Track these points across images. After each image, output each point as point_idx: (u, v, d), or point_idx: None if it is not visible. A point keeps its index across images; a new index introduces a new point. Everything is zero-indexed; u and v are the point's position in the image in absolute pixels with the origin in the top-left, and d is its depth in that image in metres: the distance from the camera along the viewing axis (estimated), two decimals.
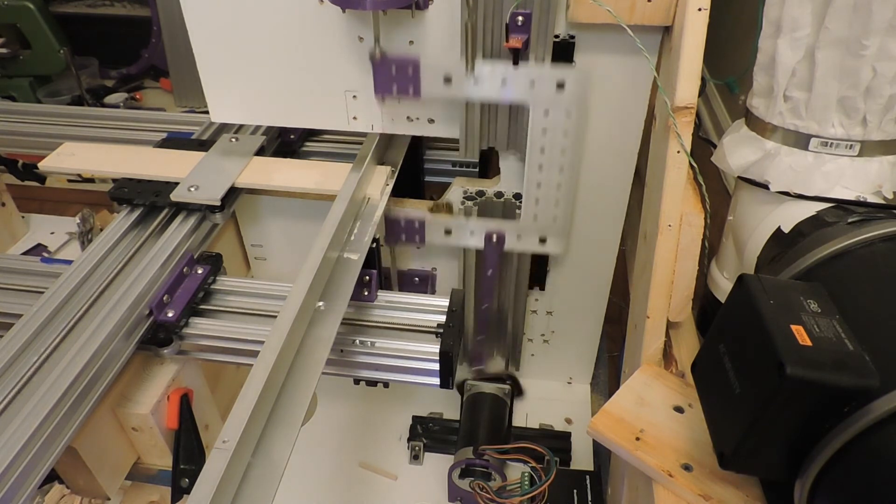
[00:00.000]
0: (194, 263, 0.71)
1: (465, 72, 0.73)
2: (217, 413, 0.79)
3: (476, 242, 0.88)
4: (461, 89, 0.75)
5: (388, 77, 0.75)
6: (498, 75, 0.73)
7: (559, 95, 0.73)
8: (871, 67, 0.56)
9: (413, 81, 0.75)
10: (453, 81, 0.74)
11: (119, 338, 0.60)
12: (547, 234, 0.86)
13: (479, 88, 0.74)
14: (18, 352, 0.58)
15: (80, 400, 0.55)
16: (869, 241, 0.54)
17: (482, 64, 0.73)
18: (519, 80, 0.73)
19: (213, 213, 0.77)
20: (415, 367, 0.67)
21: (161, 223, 0.76)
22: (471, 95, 0.75)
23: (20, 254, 1.41)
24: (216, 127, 0.94)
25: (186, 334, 0.66)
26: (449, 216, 0.88)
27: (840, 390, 0.42)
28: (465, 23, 0.70)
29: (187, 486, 0.69)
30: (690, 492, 0.54)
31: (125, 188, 0.79)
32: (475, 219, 0.87)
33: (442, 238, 0.88)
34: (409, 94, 0.76)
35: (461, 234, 0.88)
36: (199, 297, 0.70)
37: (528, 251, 0.90)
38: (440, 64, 0.74)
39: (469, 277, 0.95)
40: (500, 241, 0.87)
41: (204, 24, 0.78)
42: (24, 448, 0.49)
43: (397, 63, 0.74)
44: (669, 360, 0.68)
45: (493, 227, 0.86)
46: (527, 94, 0.74)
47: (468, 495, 0.89)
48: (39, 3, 1.77)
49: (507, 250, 0.89)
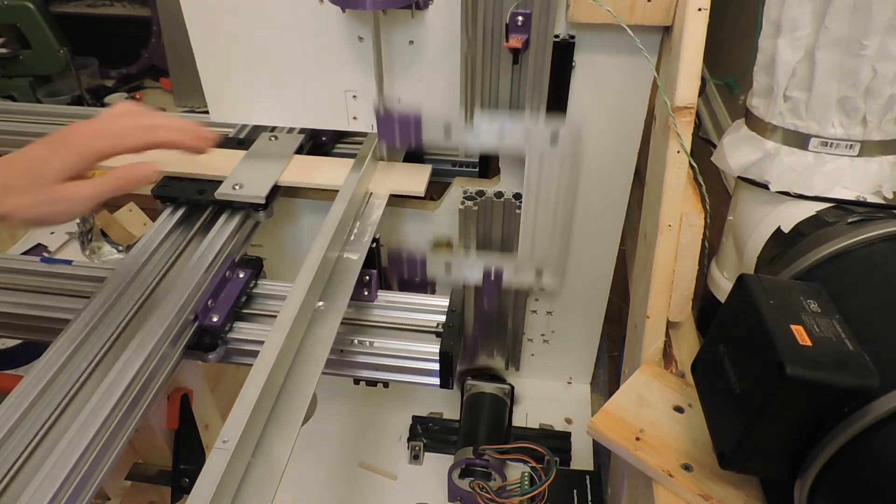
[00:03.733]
0: (235, 267, 0.71)
1: (464, 123, 0.77)
2: (217, 413, 0.79)
3: (475, 277, 0.91)
4: (460, 140, 0.78)
5: (391, 129, 0.79)
6: (495, 127, 0.77)
7: (553, 146, 0.77)
8: (871, 67, 0.56)
9: (415, 133, 0.78)
10: (453, 133, 0.78)
11: (167, 344, 0.60)
12: (543, 268, 0.89)
13: (478, 140, 0.78)
14: (70, 357, 0.58)
15: (132, 407, 0.55)
16: (869, 241, 0.54)
17: (480, 116, 0.77)
18: (515, 131, 0.77)
19: (257, 211, 0.77)
20: (415, 367, 0.67)
21: (205, 222, 0.76)
22: (470, 146, 0.79)
23: (20, 254, 1.41)
24: (252, 126, 0.94)
25: (231, 339, 0.66)
26: (449, 252, 0.91)
27: (840, 390, 0.42)
28: (465, 79, 0.74)
29: (187, 486, 0.69)
30: (690, 492, 0.54)
31: (168, 186, 0.78)
32: (474, 255, 0.90)
33: (442, 274, 0.91)
34: (411, 144, 0.80)
35: (461, 269, 0.91)
36: (242, 302, 0.69)
37: (525, 285, 0.93)
38: (440, 116, 0.77)
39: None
40: (497, 276, 0.90)
41: (204, 24, 0.78)
42: (80, 459, 0.49)
43: (400, 118, 0.78)
44: (669, 360, 0.68)
45: (490, 263, 0.89)
46: (523, 144, 0.77)
47: (468, 495, 0.89)
48: (39, 3, 1.77)
49: (505, 286, 0.92)
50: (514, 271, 0.90)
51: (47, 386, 0.55)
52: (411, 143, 0.79)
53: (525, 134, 0.76)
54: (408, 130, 0.78)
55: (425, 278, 0.91)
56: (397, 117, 0.77)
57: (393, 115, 0.77)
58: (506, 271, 0.90)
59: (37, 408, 0.53)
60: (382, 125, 0.78)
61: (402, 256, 0.90)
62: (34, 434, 0.51)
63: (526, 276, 0.90)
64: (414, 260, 0.90)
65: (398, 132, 0.78)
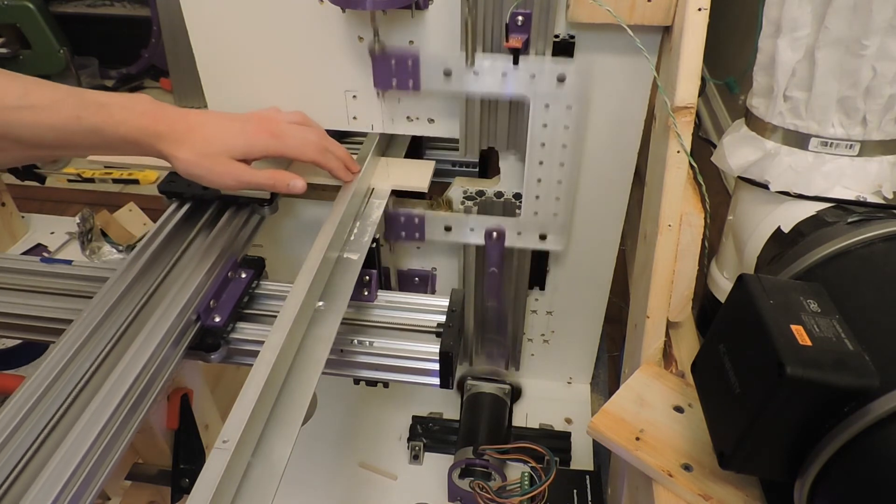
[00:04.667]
0: (238, 267, 0.70)
1: (465, 65, 0.73)
2: (217, 413, 0.79)
3: (476, 239, 0.88)
4: (461, 83, 0.75)
5: (387, 71, 0.75)
6: (498, 69, 0.73)
7: (560, 89, 0.73)
8: (871, 67, 0.56)
9: (413, 75, 0.75)
10: (453, 75, 0.74)
11: (169, 345, 0.60)
12: (547, 230, 0.86)
13: (480, 82, 0.74)
14: (72, 357, 0.58)
15: (134, 408, 0.55)
16: (869, 241, 0.54)
17: (482, 58, 0.73)
18: (519, 73, 0.73)
19: (262, 206, 0.77)
20: (415, 367, 0.67)
21: (210, 217, 0.76)
22: (471, 89, 0.75)
23: (20, 253, 1.41)
24: None
25: (233, 339, 0.66)
26: (449, 212, 0.87)
27: (840, 390, 0.42)
28: (465, 18, 0.70)
29: (187, 486, 0.69)
30: (690, 492, 0.54)
31: (174, 182, 0.78)
32: (475, 215, 0.87)
33: (442, 235, 0.88)
34: (408, 89, 0.76)
35: (461, 231, 0.87)
36: (244, 302, 0.69)
37: (529, 248, 0.90)
38: (440, 57, 0.74)
39: (469, 277, 0.95)
40: (500, 237, 0.87)
41: (204, 24, 0.78)
42: (83, 460, 0.49)
43: (397, 57, 0.74)
44: (669, 360, 0.68)
45: (493, 224, 0.86)
46: (527, 88, 0.74)
47: (468, 495, 0.89)
48: (39, 3, 1.77)
49: (507, 247, 0.88)
50: (516, 234, 0.86)
51: (50, 387, 0.55)
52: (409, 86, 0.76)
53: (530, 75, 0.73)
54: (405, 72, 0.75)
55: (424, 236, 0.89)
56: (394, 56, 0.74)
57: (389, 54, 0.74)
58: (508, 233, 0.86)
59: (39, 408, 0.53)
60: (378, 66, 0.75)
61: (401, 220, 0.87)
62: (37, 435, 0.51)
63: (529, 239, 0.87)
64: (412, 219, 0.87)
65: (395, 74, 0.75)
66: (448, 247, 0.94)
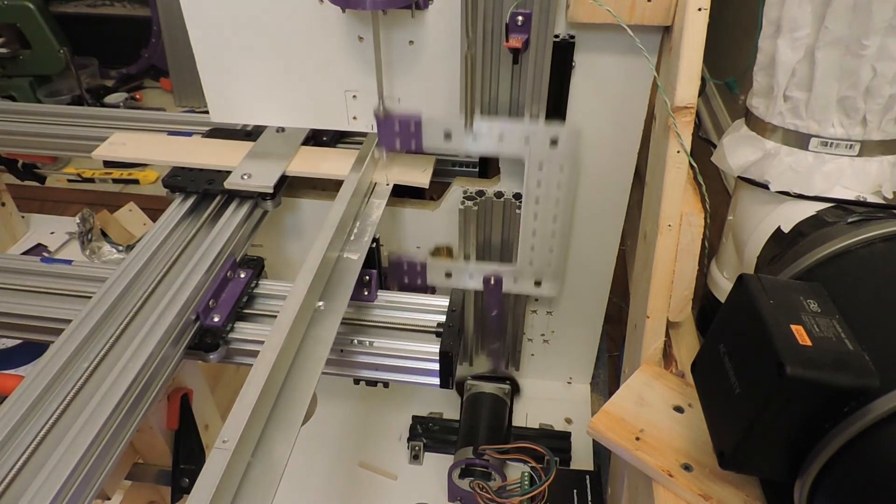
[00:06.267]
0: (237, 267, 0.71)
1: (464, 128, 0.77)
2: (217, 413, 0.79)
3: (475, 284, 0.92)
4: (461, 144, 0.78)
5: (391, 133, 0.79)
6: (495, 131, 0.77)
7: (553, 151, 0.77)
8: (871, 67, 0.56)
9: (415, 137, 0.78)
10: (453, 137, 0.78)
11: (168, 344, 0.60)
12: (542, 277, 0.89)
13: (478, 144, 0.78)
14: (71, 357, 0.58)
15: (133, 407, 0.55)
16: (869, 241, 0.54)
17: (480, 120, 0.77)
18: (515, 135, 0.77)
19: (265, 200, 0.79)
20: (415, 367, 0.67)
21: (214, 210, 0.78)
22: (470, 150, 0.79)
23: (20, 254, 1.41)
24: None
25: (233, 339, 0.66)
26: (449, 260, 0.92)
27: (840, 390, 0.42)
28: (465, 86, 0.73)
29: (187, 486, 0.69)
30: (690, 492, 0.54)
31: (178, 176, 0.81)
32: (474, 263, 0.90)
33: (443, 280, 0.92)
34: (411, 149, 0.80)
35: (460, 277, 0.91)
36: (244, 302, 0.70)
37: (525, 293, 0.94)
38: (441, 121, 0.77)
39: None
40: (497, 283, 0.90)
41: (204, 24, 0.78)
42: (82, 459, 0.49)
43: (401, 120, 0.77)
44: (669, 359, 0.68)
45: (490, 270, 0.90)
46: (522, 149, 0.77)
47: (468, 495, 0.89)
48: (39, 3, 1.77)
49: (504, 292, 0.92)
50: (513, 280, 0.90)
51: (49, 386, 0.55)
52: (411, 147, 0.79)
53: (525, 138, 0.77)
54: (408, 134, 0.78)
55: (426, 284, 0.92)
56: (398, 120, 0.78)
57: (393, 117, 0.78)
58: (505, 279, 0.90)
59: (39, 408, 0.53)
60: (383, 129, 0.79)
61: (403, 266, 0.91)
62: (36, 434, 0.51)
63: (525, 286, 0.90)
64: (414, 266, 0.91)
65: (399, 136, 0.79)
66: (449, 289, 0.96)
